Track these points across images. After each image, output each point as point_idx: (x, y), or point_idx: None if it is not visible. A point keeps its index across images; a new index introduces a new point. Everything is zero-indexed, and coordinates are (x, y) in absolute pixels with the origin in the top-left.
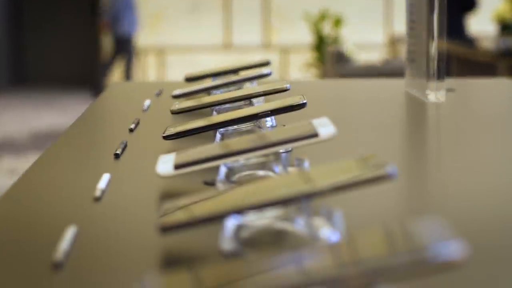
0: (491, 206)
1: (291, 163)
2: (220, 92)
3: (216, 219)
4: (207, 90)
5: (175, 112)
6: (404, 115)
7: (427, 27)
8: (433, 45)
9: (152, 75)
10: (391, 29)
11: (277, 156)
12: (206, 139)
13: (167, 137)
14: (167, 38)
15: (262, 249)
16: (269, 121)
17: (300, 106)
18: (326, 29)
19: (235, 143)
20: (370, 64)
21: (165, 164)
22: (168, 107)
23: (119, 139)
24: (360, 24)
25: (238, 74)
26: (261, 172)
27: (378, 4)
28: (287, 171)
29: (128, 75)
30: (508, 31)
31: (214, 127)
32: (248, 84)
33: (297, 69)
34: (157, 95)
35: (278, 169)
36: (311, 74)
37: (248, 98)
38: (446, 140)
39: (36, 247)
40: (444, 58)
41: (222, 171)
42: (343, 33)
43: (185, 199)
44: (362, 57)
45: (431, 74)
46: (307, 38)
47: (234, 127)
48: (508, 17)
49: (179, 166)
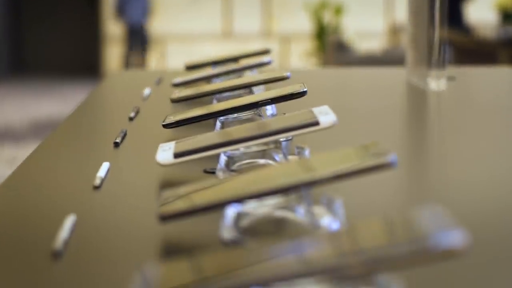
0: (492, 195)
1: (292, 151)
2: (220, 80)
3: (216, 208)
4: (207, 79)
5: (175, 101)
6: (405, 103)
7: (428, 15)
8: (434, 33)
9: (152, 63)
10: (392, 18)
11: (277, 145)
12: (206, 127)
13: (167, 126)
14: (167, 27)
15: (262, 238)
16: (270, 109)
17: (301, 94)
18: (327, 18)
19: (235, 131)
20: (370, 53)
21: (165, 153)
22: (168, 95)
23: (119, 127)
24: (360, 13)
25: (238, 63)
26: (262, 161)
27: None
28: (288, 159)
29: (142, 63)
30: (509, 20)
31: (214, 115)
32: (248, 72)
33: (297, 58)
34: (157, 84)
35: (279, 157)
36: (312, 63)
37: (248, 87)
38: (446, 129)
39: (35, 236)
40: (445, 46)
41: (222, 159)
42: (343, 22)
43: (185, 188)
44: (362, 46)
45: (432, 63)
46: (308, 27)
47: (234, 115)
48: (510, 7)
49: (179, 154)
